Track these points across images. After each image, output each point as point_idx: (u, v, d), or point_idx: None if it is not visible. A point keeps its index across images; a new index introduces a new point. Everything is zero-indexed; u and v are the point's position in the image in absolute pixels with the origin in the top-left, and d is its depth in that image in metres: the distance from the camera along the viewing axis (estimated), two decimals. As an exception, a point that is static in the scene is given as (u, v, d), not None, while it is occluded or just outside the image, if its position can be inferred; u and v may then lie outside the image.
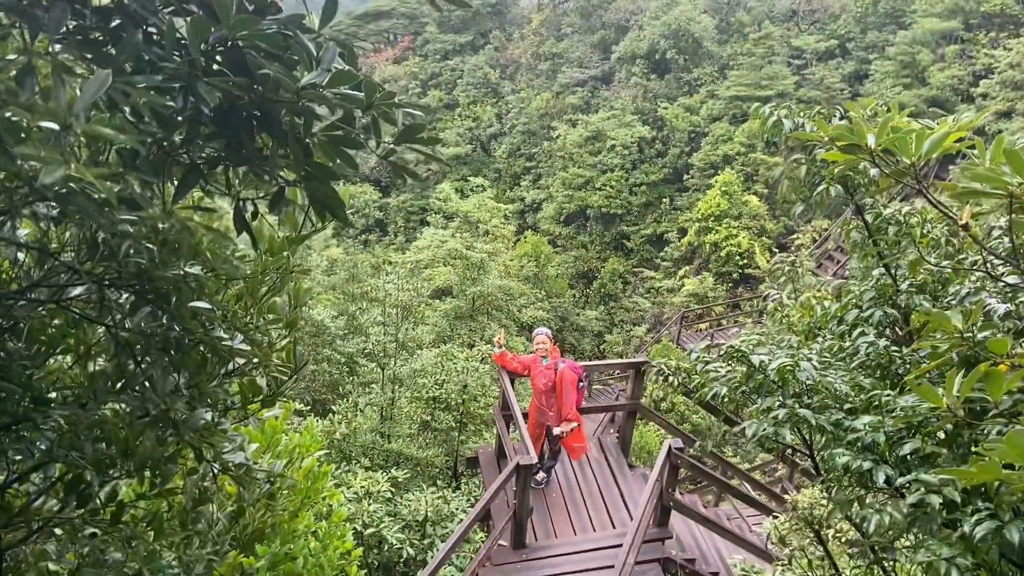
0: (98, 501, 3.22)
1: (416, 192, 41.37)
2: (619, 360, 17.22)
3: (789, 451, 4.37)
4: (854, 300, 3.28)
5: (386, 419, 11.35)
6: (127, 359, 2.18)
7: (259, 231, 2.96)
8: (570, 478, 10.22)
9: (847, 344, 3.13)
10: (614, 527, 9.23)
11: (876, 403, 2.75)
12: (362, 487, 8.85)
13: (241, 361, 2.94)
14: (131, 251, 2.04)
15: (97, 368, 3.06)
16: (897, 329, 3.15)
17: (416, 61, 48.56)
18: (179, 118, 1.47)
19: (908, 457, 2.58)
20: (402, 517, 8.86)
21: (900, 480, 2.55)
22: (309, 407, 11.95)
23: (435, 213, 29.76)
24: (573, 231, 36.91)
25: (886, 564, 3.69)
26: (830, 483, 2.90)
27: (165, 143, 1.54)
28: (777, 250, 31.14)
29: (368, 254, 29.54)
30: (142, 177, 1.56)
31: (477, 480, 11.24)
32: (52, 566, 3.56)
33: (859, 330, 3.13)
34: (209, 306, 2.14)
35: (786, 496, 10.54)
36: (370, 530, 8.38)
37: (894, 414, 2.59)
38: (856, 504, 2.71)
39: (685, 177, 35.58)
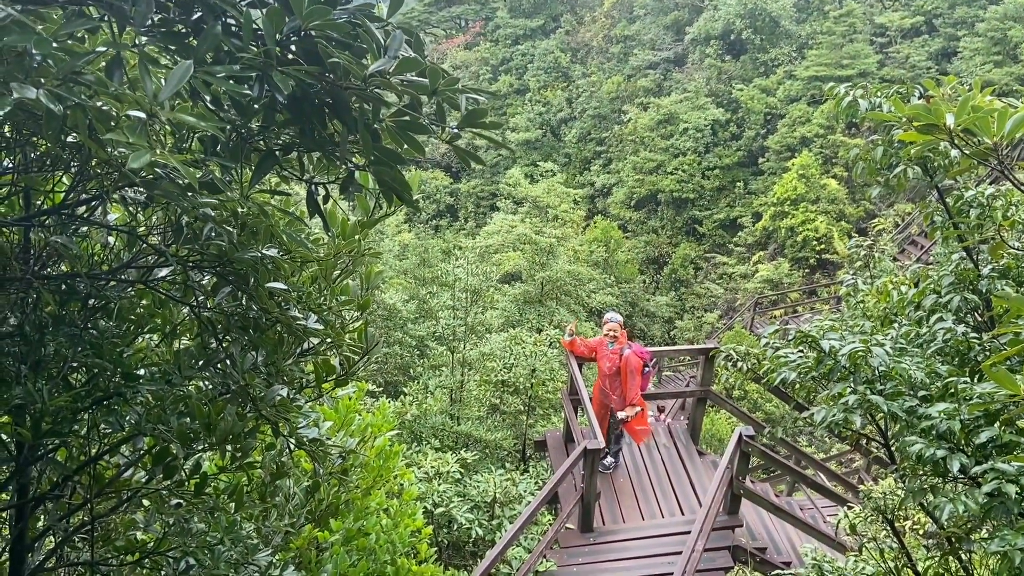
0: (183, 473, 3.40)
1: (486, 178, 41.56)
2: (688, 346, 17.03)
3: (864, 440, 4.27)
4: (932, 285, 3.16)
5: (455, 401, 11.53)
6: (209, 337, 2.29)
7: (332, 216, 3.06)
8: (638, 464, 10.18)
9: (923, 331, 3.03)
10: (683, 514, 9.17)
11: (952, 390, 2.66)
12: (432, 467, 9.03)
13: (315, 341, 3.05)
14: (212, 234, 2.14)
15: (182, 347, 3.23)
16: (977, 315, 3.03)
17: (487, 47, 48.60)
18: (256, 106, 1.54)
19: (985, 446, 2.50)
20: (471, 498, 9.00)
21: (976, 469, 2.47)
22: (381, 388, 12.23)
23: (505, 198, 29.87)
24: (644, 216, 36.49)
25: (962, 556, 3.58)
26: (904, 472, 2.82)
27: (243, 130, 1.61)
28: (856, 235, 30.14)
29: (439, 239, 29.92)
30: (222, 162, 1.64)
31: (545, 463, 11.31)
32: (140, 535, 3.78)
33: (936, 316, 3.02)
34: (285, 287, 2.23)
35: (861, 487, 10.27)
36: (440, 509, 8.55)
37: (971, 401, 2.50)
38: (930, 493, 2.63)
39: (760, 160, 34.72)
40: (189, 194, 1.59)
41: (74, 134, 2.29)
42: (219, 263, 2.13)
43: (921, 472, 2.73)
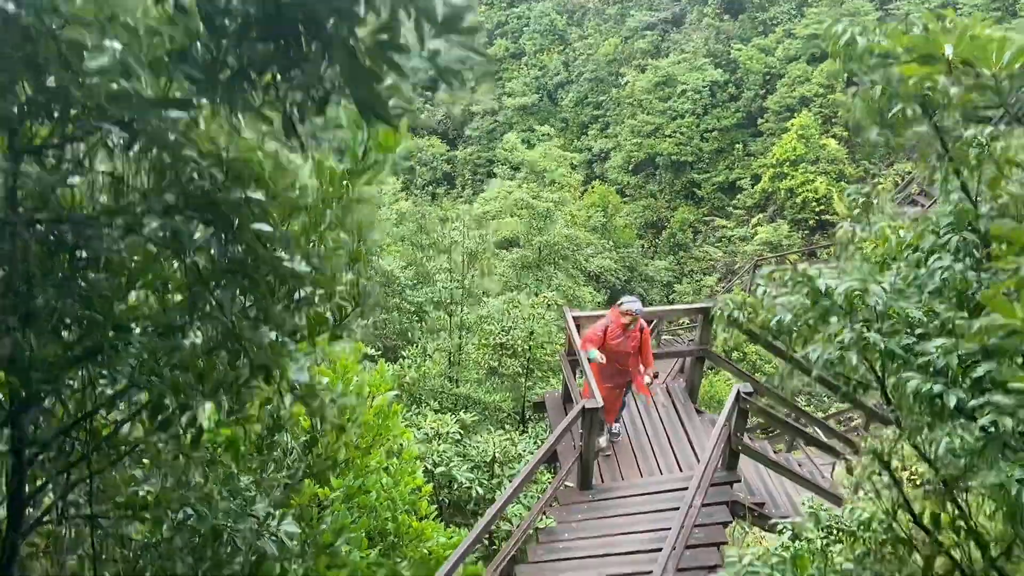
0: (179, 427, 3.40)
1: (483, 144, 41.27)
2: (686, 305, 17.01)
3: (860, 390, 4.26)
4: (930, 227, 3.13)
5: (454, 364, 11.56)
6: (195, 281, 2.26)
7: (320, 164, 3.02)
8: (637, 423, 10.24)
9: (921, 272, 3.00)
10: (681, 471, 9.24)
11: (950, 326, 2.64)
12: (432, 428, 9.08)
13: (306, 292, 3.02)
14: (195, 176, 2.10)
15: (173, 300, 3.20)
16: (976, 253, 3.00)
17: (482, 10, 47.91)
18: (227, 21, 1.50)
19: (982, 380, 2.48)
20: (471, 458, 9.07)
21: (972, 403, 2.46)
22: (380, 353, 12.25)
23: (501, 164, 29.68)
24: (642, 180, 36.26)
25: (958, 499, 3.59)
26: (899, 412, 2.81)
27: (214, 49, 1.57)
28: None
29: (436, 207, 29.77)
30: (188, 72, 1.59)
31: (544, 424, 11.38)
32: (141, 492, 3.79)
33: (935, 256, 2.99)
34: (271, 228, 2.20)
35: (861, 440, 10.34)
36: (440, 469, 8.61)
37: (967, 336, 2.48)
38: (926, 429, 2.63)
39: (759, 121, 34.41)
40: (158, 112, 1.55)
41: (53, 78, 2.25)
42: (203, 205, 2.10)
43: (917, 410, 2.72)
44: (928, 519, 3.34)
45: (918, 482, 5.49)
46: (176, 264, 2.98)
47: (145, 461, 3.74)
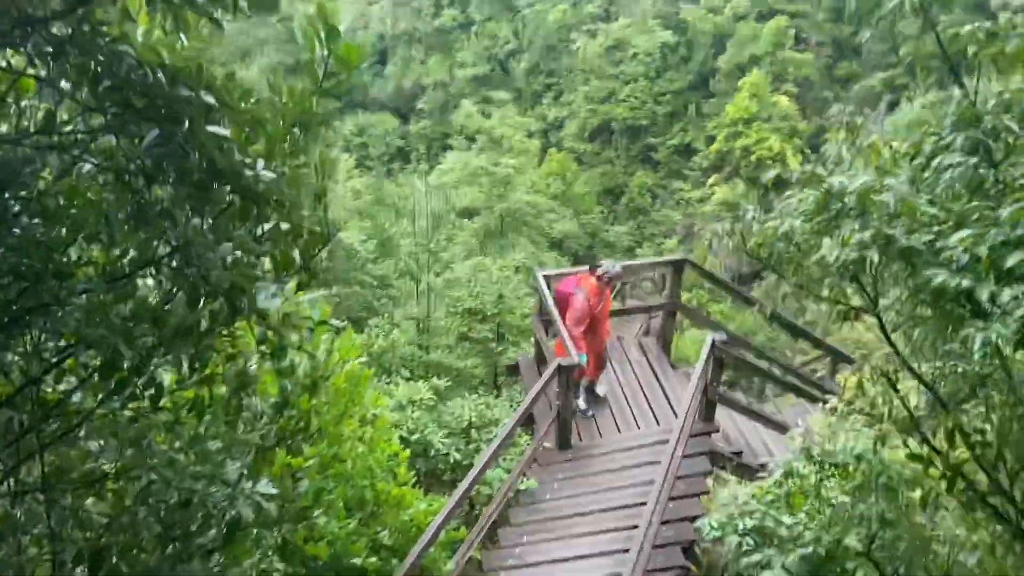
0: (137, 389, 3.11)
1: (436, 118, 40.68)
2: (657, 258, 16.92)
3: (853, 314, 4.13)
4: (929, 131, 2.97)
5: (423, 332, 11.31)
6: (142, 188, 1.98)
7: (276, 83, 2.73)
8: (612, 380, 10.10)
9: (927, 175, 2.84)
10: (658, 424, 9.15)
11: (976, 216, 2.47)
12: (404, 396, 8.84)
13: (270, 225, 2.75)
14: (132, 76, 1.81)
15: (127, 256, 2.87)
16: (983, 151, 2.85)
17: (429, -20, 46.95)
18: None
19: (1013, 271, 2.33)
20: (446, 424, 8.86)
21: (1005, 294, 2.30)
22: (344, 326, 11.95)
23: (457, 135, 29.26)
24: (598, 147, 36.12)
25: (963, 426, 3.48)
26: (917, 319, 2.66)
27: None
28: (810, 151, 30.20)
29: (393, 183, 29.22)
30: None
31: (518, 387, 11.21)
32: (102, 467, 3.49)
33: (940, 158, 2.83)
34: (227, 132, 1.92)
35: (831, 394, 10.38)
36: (415, 436, 8.39)
37: (995, 225, 2.33)
38: (950, 329, 2.48)
39: (711, 82, 34.45)
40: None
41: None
42: (147, 107, 1.82)
43: (944, 308, 2.56)
44: (944, 437, 3.22)
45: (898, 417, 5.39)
46: (121, 215, 2.67)
47: (102, 433, 3.44)
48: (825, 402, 6.75)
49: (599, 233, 30.05)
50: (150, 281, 3.03)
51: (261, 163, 2.12)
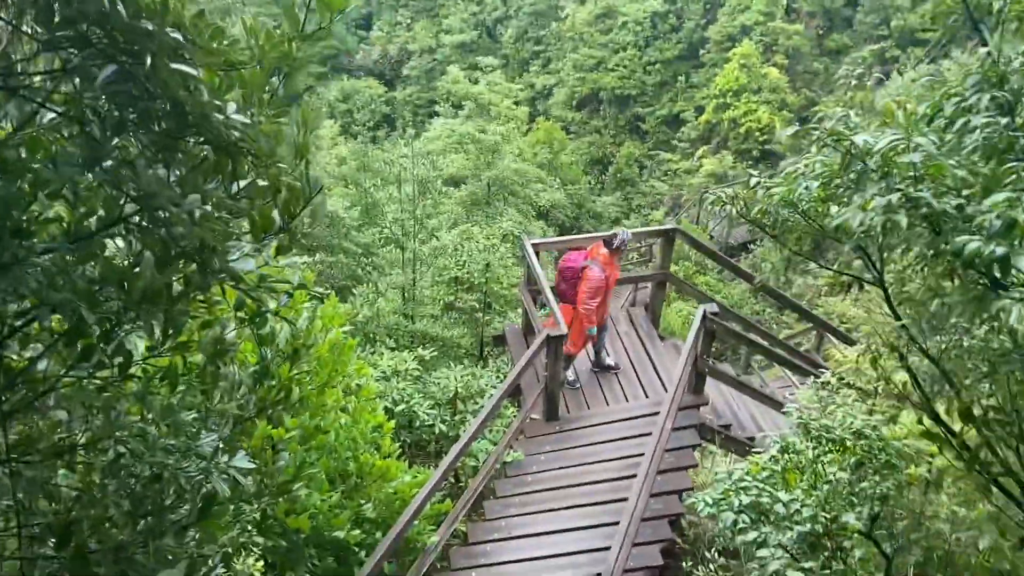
0: (104, 357, 2.91)
1: (422, 84, 40.12)
2: (648, 228, 16.76)
3: (857, 287, 3.95)
4: (952, 90, 2.79)
5: (408, 301, 11.11)
6: (102, 137, 1.76)
7: (254, 27, 2.50)
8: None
9: (949, 138, 2.66)
10: (647, 396, 9.05)
11: (1009, 179, 2.31)
12: (389, 366, 8.65)
13: (245, 182, 2.53)
14: (86, 5, 1.59)
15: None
16: (1008, 112, 2.68)
17: (415, -56, 46.00)
18: None
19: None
20: (431, 395, 8.69)
21: (1047, 263, 2.16)
22: (328, 294, 11.73)
23: (444, 103, 28.79)
24: (586, 116, 35.75)
25: (973, 407, 3.35)
26: (937, 291, 2.51)
27: None
28: (799, 123, 29.99)
29: (378, 150, 28.73)
30: None
31: (505, 358, 11.06)
32: (67, 436, 3.29)
33: (962, 120, 2.66)
34: (195, 72, 1.71)
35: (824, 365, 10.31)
36: (400, 406, 8.22)
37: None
38: (980, 302, 2.32)
39: (701, 52, 34.07)
40: None
41: None
42: (103, 37, 1.60)
43: (972, 280, 2.41)
44: (958, 415, 3.09)
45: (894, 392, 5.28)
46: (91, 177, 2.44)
47: (70, 403, 3.25)
48: (816, 376, 6.65)
49: (586, 204, 29.80)
50: (120, 243, 2.83)
51: (233, 106, 1.90)
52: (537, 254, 9.40)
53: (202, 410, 3.34)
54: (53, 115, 2.45)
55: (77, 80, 1.77)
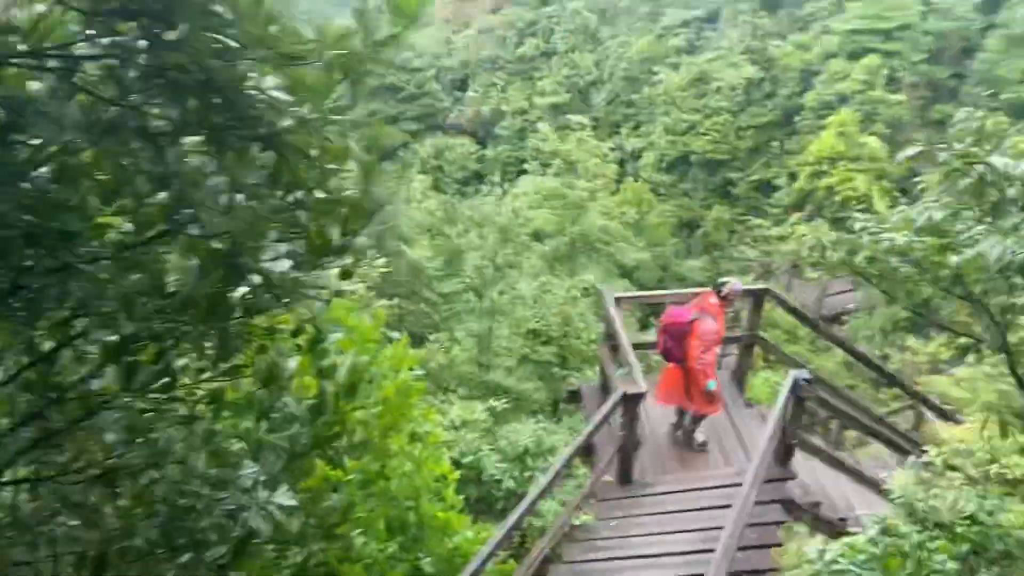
0: (150, 375, 2.77)
1: (513, 143, 40.82)
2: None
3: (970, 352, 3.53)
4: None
5: (484, 350, 10.91)
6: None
7: (320, 26, 2.37)
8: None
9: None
10: (729, 465, 8.48)
11: None
12: (459, 415, 8.42)
13: (301, 194, 2.36)
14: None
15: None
16: None
17: (514, 10, 47.45)
18: None
19: None
20: (501, 449, 8.39)
21: None
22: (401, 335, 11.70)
23: (532, 160, 29.08)
24: (675, 179, 35.51)
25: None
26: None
27: None
28: (899, 194, 28.85)
29: (465, 204, 29.18)
30: None
31: (580, 416, 10.68)
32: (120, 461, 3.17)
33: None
34: (237, 45, 1.55)
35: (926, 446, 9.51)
36: (467, 458, 7.94)
37: None
38: None
39: (796, 119, 33.49)
40: None
41: None
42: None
43: None
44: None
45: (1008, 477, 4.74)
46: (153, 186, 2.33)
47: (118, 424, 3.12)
48: (917, 455, 6.03)
49: (671, 266, 29.29)
50: (174, 257, 2.71)
51: (272, 81, 1.73)
52: (618, 306, 9.05)
53: (250, 441, 3.17)
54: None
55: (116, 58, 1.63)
